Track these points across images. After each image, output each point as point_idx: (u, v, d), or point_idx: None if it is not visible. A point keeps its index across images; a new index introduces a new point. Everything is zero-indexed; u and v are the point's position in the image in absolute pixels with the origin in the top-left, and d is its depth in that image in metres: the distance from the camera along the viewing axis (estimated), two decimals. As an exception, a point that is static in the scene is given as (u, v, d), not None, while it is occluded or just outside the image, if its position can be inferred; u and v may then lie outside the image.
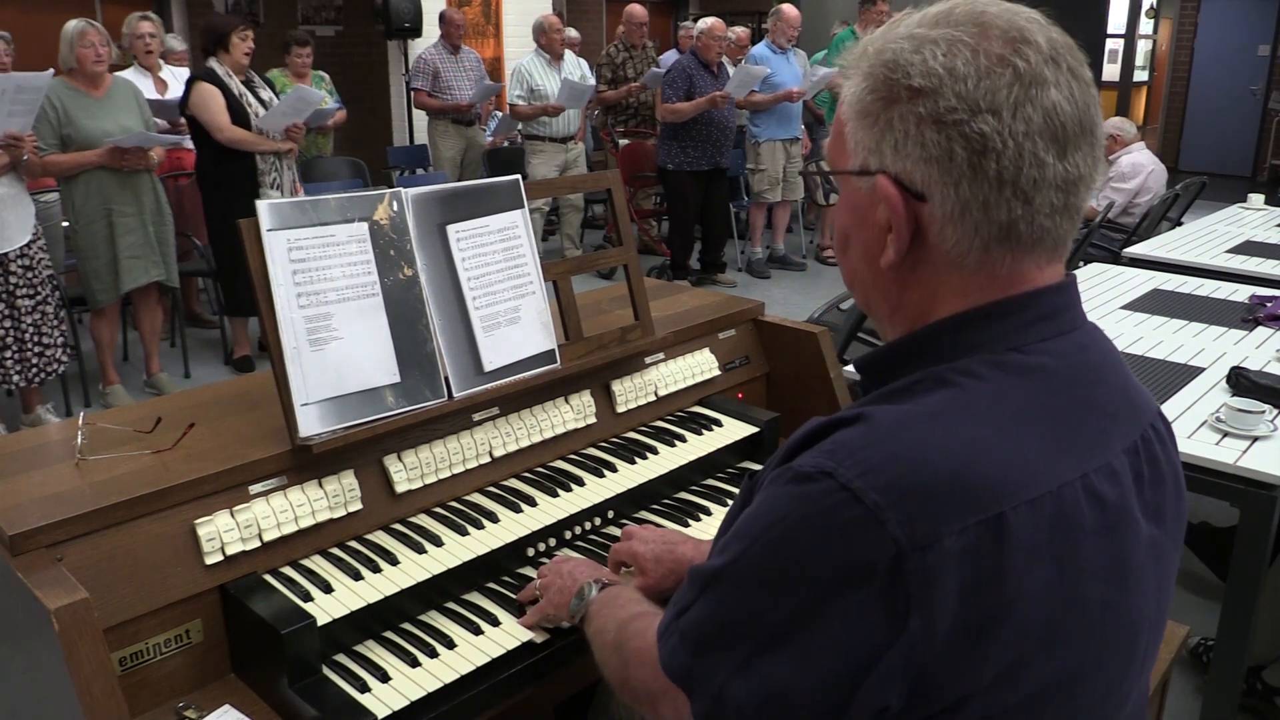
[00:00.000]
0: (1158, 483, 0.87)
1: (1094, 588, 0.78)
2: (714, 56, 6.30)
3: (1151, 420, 0.89)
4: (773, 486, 0.80)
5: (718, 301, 2.14)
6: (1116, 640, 0.82)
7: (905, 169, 0.80)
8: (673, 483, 1.72)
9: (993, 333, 0.81)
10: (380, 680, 1.25)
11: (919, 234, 0.82)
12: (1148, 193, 5.53)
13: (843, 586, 0.73)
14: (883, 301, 0.88)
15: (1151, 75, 13.41)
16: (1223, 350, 2.82)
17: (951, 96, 0.77)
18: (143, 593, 1.22)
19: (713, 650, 0.81)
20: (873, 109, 0.81)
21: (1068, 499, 0.77)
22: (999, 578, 0.73)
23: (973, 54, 0.77)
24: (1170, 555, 0.90)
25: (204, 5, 8.25)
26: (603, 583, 1.22)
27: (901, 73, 0.79)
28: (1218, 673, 2.22)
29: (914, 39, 0.80)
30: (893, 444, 0.76)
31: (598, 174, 1.93)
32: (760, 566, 0.78)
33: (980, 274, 0.82)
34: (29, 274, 3.95)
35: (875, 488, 0.73)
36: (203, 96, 4.55)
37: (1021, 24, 0.80)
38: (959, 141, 0.77)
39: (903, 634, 0.72)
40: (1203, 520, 3.15)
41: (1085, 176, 0.80)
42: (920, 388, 0.81)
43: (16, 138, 3.75)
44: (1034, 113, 0.77)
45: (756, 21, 10.60)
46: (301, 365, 1.38)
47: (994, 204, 0.78)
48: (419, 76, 6.75)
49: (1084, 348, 0.85)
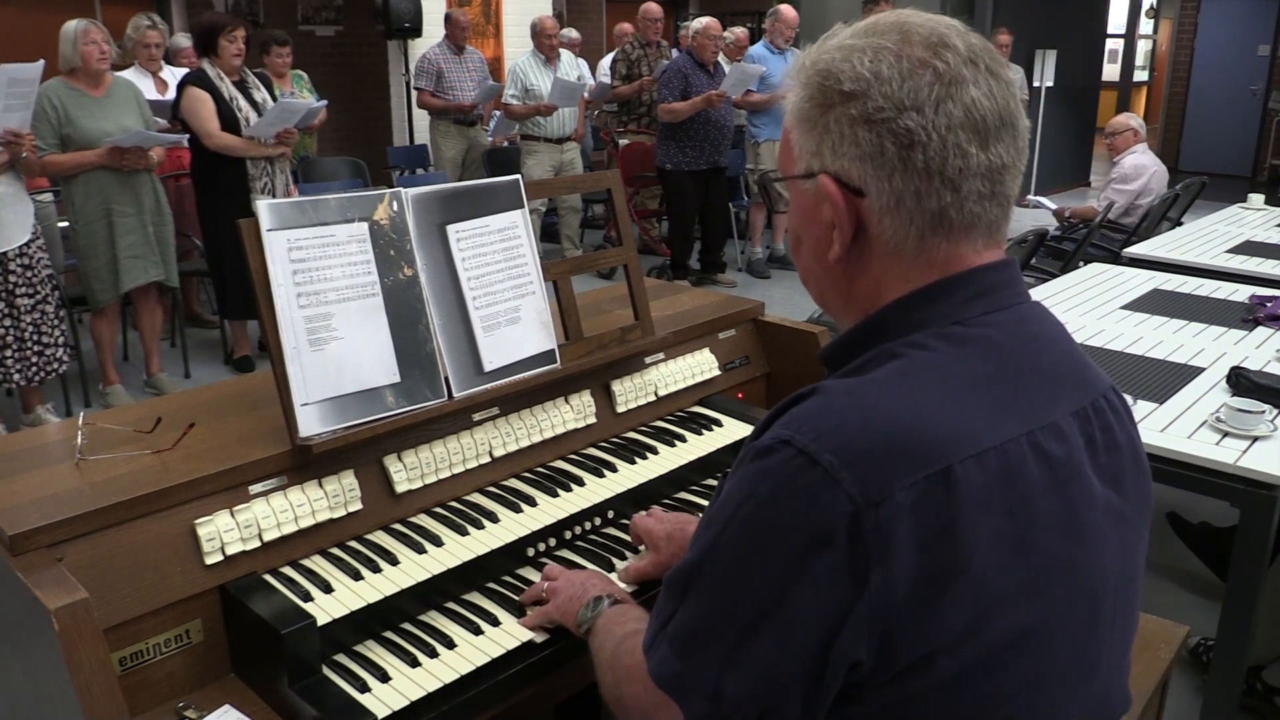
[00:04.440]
0: (1112, 449, 0.91)
1: (1047, 540, 0.82)
2: (709, 56, 6.30)
3: (1104, 392, 0.94)
4: (738, 469, 0.85)
5: (718, 301, 2.14)
6: (1077, 599, 0.85)
7: (843, 167, 0.87)
8: (673, 483, 1.72)
9: (937, 310, 0.87)
10: (380, 680, 1.25)
11: (861, 227, 0.88)
12: (1149, 194, 5.53)
13: (809, 554, 0.77)
14: (835, 294, 0.95)
15: (1151, 75, 13.42)
16: (1223, 350, 2.82)
17: (879, 97, 0.84)
18: (143, 593, 1.22)
19: (701, 650, 0.83)
20: (811, 115, 0.88)
21: (1013, 455, 0.81)
22: (952, 530, 0.77)
23: (896, 59, 0.84)
24: (1136, 527, 0.93)
25: (204, 5, 8.25)
26: (614, 599, 1.23)
27: (834, 80, 0.86)
28: (1218, 673, 2.22)
29: (843, 49, 0.87)
30: (844, 410, 0.81)
31: (598, 174, 1.93)
32: (733, 547, 0.82)
33: (920, 260, 0.88)
34: (28, 273, 3.95)
35: (829, 449, 0.78)
36: (191, 102, 4.53)
37: (942, 31, 0.86)
38: (888, 138, 0.84)
39: (865, 590, 0.76)
40: (1203, 520, 3.15)
41: (1010, 165, 0.87)
42: (873, 363, 0.87)
43: (16, 134, 3.75)
44: (955, 108, 0.83)
45: (755, 22, 10.60)
46: (301, 365, 1.38)
47: (925, 193, 0.84)
48: (422, 76, 6.75)
49: (1026, 320, 0.91)
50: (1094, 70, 11.40)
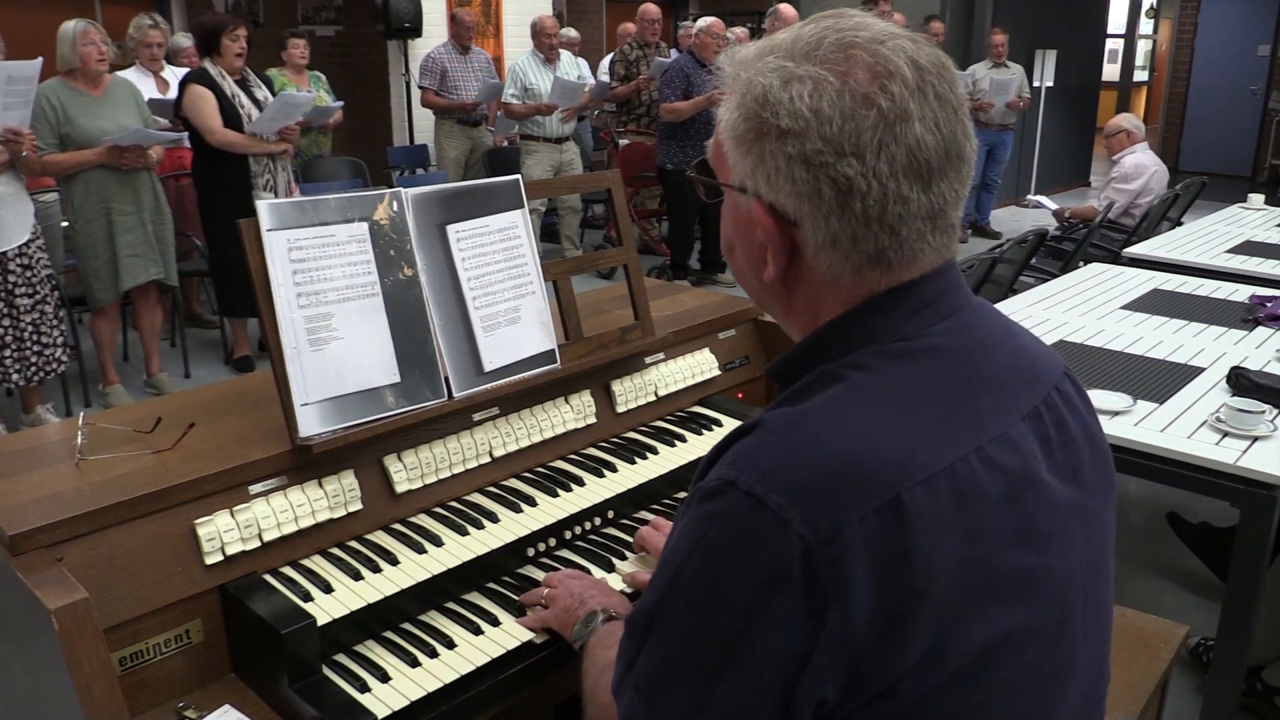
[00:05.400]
0: (1067, 443, 0.89)
1: (1007, 555, 0.80)
2: (711, 55, 6.29)
3: (1056, 383, 0.92)
4: (688, 511, 0.83)
5: (718, 301, 2.14)
6: (1044, 604, 0.83)
7: (779, 200, 0.83)
8: (673, 483, 1.72)
9: (878, 327, 0.85)
10: (380, 680, 1.25)
11: (796, 253, 0.86)
12: (1150, 194, 5.53)
13: (765, 597, 0.75)
14: (774, 305, 0.93)
15: (1151, 75, 13.43)
16: (1223, 350, 2.82)
17: (817, 139, 0.79)
18: (143, 593, 1.22)
19: (667, 695, 0.81)
20: (746, 138, 0.84)
21: (963, 474, 0.79)
22: (906, 559, 0.75)
23: (837, 94, 0.79)
24: (1099, 514, 0.92)
25: (204, 5, 8.24)
26: (609, 614, 1.23)
27: (770, 111, 0.81)
28: (1218, 673, 2.22)
29: (783, 73, 0.82)
30: (785, 445, 0.79)
31: (598, 174, 1.92)
32: (689, 593, 0.80)
33: (859, 288, 0.85)
34: (28, 273, 3.95)
35: (775, 489, 0.75)
36: (194, 100, 4.54)
37: (886, 55, 0.81)
38: (826, 182, 0.80)
39: (824, 629, 0.74)
40: (1203, 520, 3.15)
41: (953, 201, 0.83)
42: (815, 386, 0.85)
43: (16, 133, 3.74)
44: (898, 150, 0.79)
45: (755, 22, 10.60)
46: (301, 365, 1.37)
47: (861, 237, 0.82)
48: (427, 75, 6.75)
49: (970, 325, 0.88)
50: (1094, 70, 11.40)
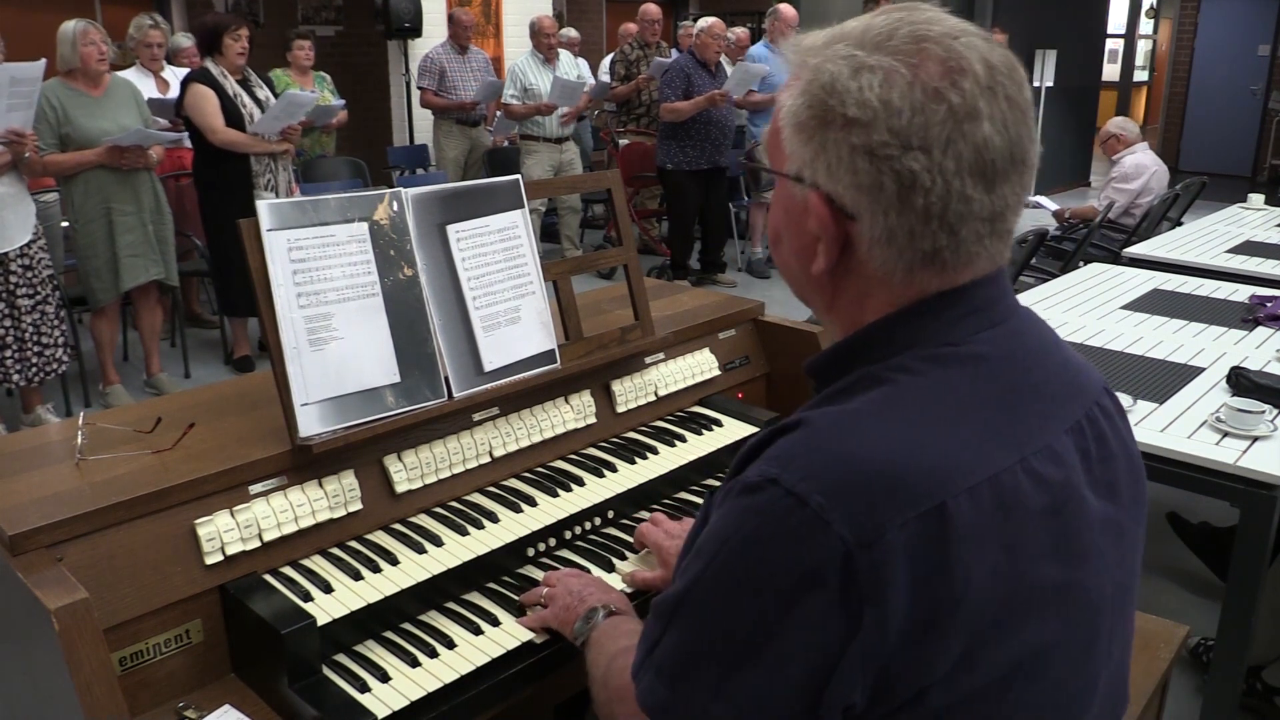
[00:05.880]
0: (1107, 459, 0.88)
1: (1043, 569, 0.79)
2: (712, 56, 6.30)
3: (1097, 398, 0.91)
4: (725, 502, 0.82)
5: (718, 301, 2.14)
6: (1074, 621, 0.83)
7: (837, 191, 0.82)
8: (673, 483, 1.72)
9: (925, 330, 0.84)
10: (380, 680, 1.25)
11: (848, 247, 0.84)
12: (1150, 193, 5.53)
13: (800, 593, 0.74)
14: (817, 299, 0.92)
15: (1151, 75, 13.42)
16: (1223, 350, 2.82)
17: (885, 131, 0.78)
18: (143, 593, 1.22)
19: (688, 679, 0.81)
20: (808, 126, 0.82)
21: (1007, 484, 0.78)
22: (946, 567, 0.74)
23: (908, 86, 0.78)
24: (1131, 533, 0.91)
25: (204, 5, 8.24)
26: (610, 610, 1.22)
27: (838, 99, 0.80)
28: (1218, 673, 2.22)
29: (853, 62, 0.80)
30: (831, 446, 0.78)
31: (598, 174, 1.92)
32: (720, 582, 0.79)
33: (910, 288, 0.84)
34: (29, 274, 3.95)
35: (818, 490, 0.74)
36: (196, 99, 4.55)
37: (959, 50, 0.80)
38: (889, 175, 0.79)
39: (859, 632, 0.73)
40: (1203, 520, 3.15)
41: (1013, 205, 0.82)
42: (858, 387, 0.83)
43: (19, 134, 3.74)
44: (964, 148, 0.78)
45: (756, 22, 10.60)
46: (301, 365, 1.38)
47: (919, 234, 0.80)
48: (425, 76, 6.75)
49: (1018, 334, 0.87)
50: (1094, 70, 11.40)
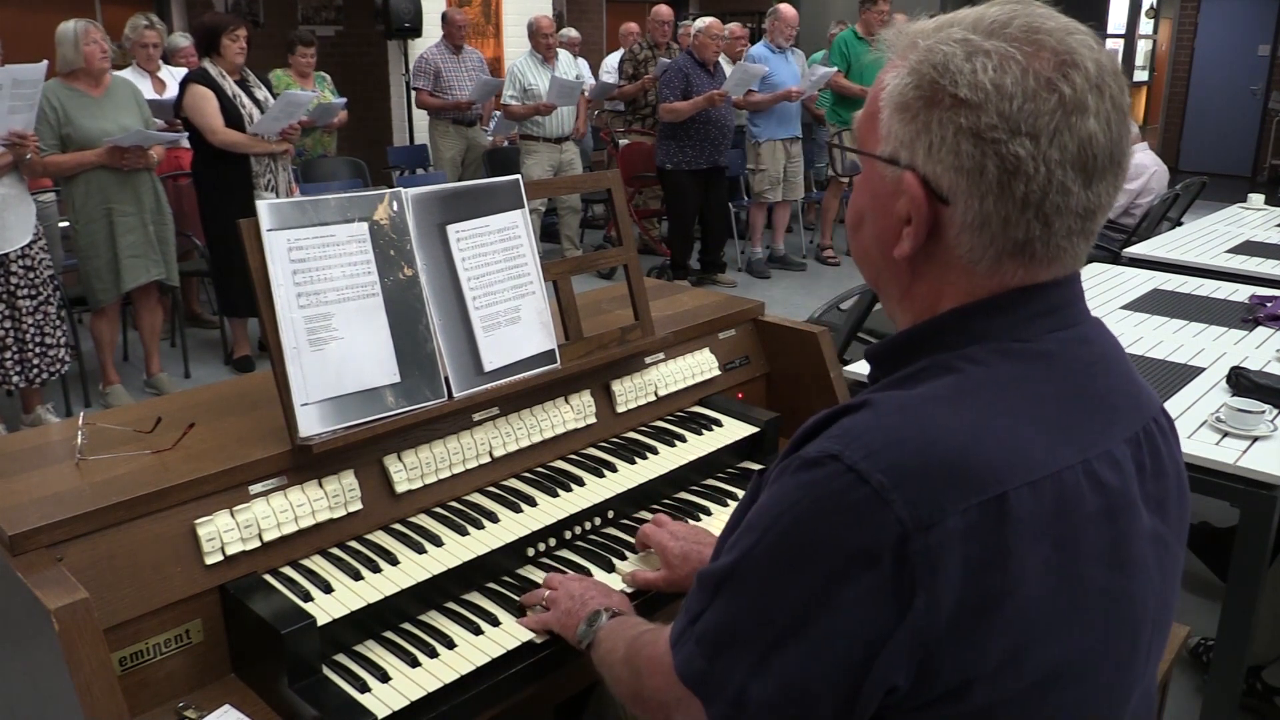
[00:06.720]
0: (1159, 475, 0.89)
1: (1094, 573, 0.79)
2: (711, 55, 6.30)
3: (1154, 415, 0.91)
4: (781, 478, 0.81)
5: (718, 301, 2.14)
6: (1118, 630, 0.82)
7: (935, 173, 0.81)
8: (673, 483, 1.72)
9: (998, 324, 0.83)
10: (380, 680, 1.25)
11: (936, 232, 0.83)
12: (1150, 194, 5.53)
13: (851, 571, 0.74)
14: (893, 285, 0.90)
15: (1151, 75, 13.41)
16: (1223, 350, 2.82)
17: (994, 114, 0.77)
18: (143, 593, 1.22)
19: (729, 652, 0.81)
20: (913, 105, 0.81)
21: (1069, 483, 0.78)
22: (1001, 558, 0.74)
23: (1022, 73, 0.78)
24: (1174, 551, 0.91)
25: (204, 5, 8.24)
26: (613, 612, 1.22)
27: (949, 79, 0.79)
28: (1218, 673, 2.21)
29: (967, 45, 0.79)
30: (897, 427, 0.78)
31: (598, 174, 1.92)
32: (771, 556, 0.79)
33: (991, 280, 0.84)
34: (30, 274, 3.95)
35: (880, 469, 0.74)
36: (195, 99, 4.54)
37: (1073, 45, 0.80)
38: (993, 159, 0.78)
39: (908, 614, 0.73)
40: (1203, 520, 3.15)
41: (1104, 206, 0.82)
42: (926, 374, 0.83)
43: (21, 136, 3.74)
44: (1070, 141, 0.78)
45: (756, 21, 10.60)
46: (301, 365, 1.37)
47: (1014, 222, 0.80)
48: (420, 76, 6.76)
49: (1087, 340, 0.87)
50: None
